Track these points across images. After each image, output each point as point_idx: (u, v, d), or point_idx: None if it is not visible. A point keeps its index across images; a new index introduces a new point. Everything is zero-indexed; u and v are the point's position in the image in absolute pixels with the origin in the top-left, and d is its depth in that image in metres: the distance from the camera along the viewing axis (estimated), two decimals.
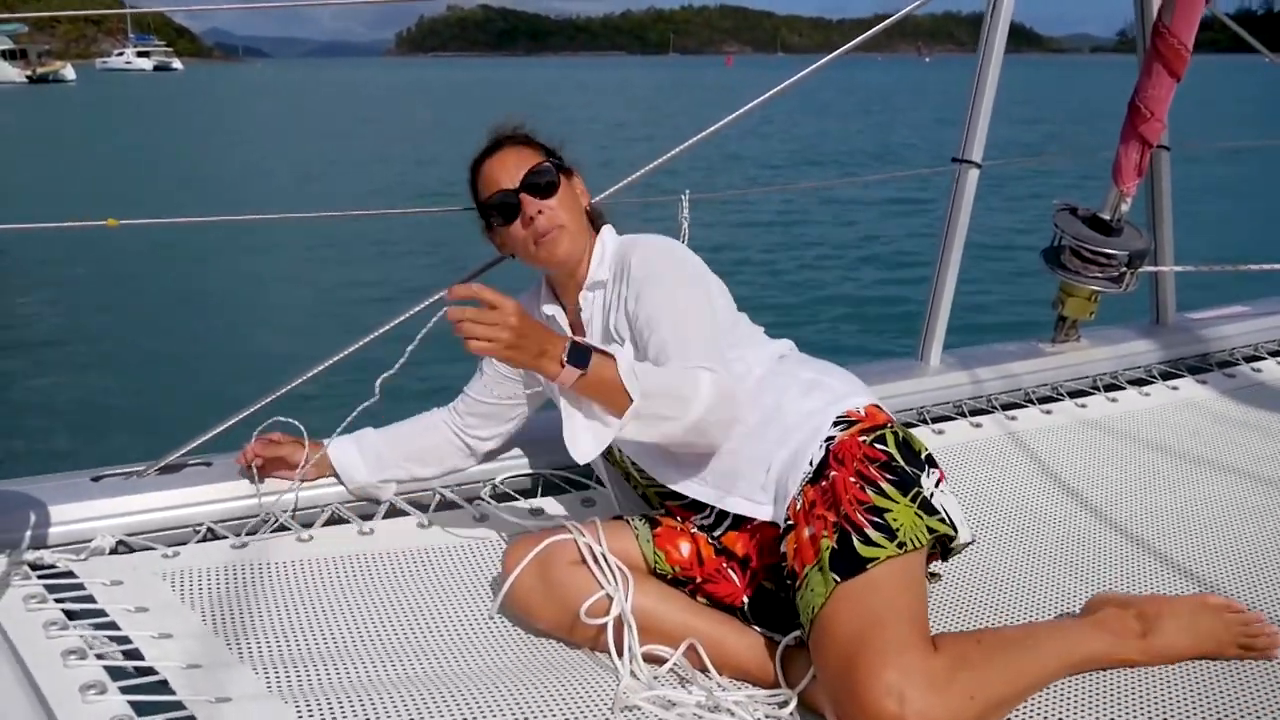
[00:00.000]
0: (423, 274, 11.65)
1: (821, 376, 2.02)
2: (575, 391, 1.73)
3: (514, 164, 2.06)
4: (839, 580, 1.66)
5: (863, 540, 1.69)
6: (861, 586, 1.65)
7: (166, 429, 2.69)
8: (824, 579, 1.67)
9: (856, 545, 1.69)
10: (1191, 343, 3.52)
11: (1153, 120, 2.93)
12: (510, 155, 2.07)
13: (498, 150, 2.10)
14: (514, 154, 2.07)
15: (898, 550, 1.69)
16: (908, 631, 1.61)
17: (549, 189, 2.05)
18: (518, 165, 2.05)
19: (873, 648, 1.57)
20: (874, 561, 1.67)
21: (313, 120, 41.32)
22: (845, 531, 1.71)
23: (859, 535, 1.70)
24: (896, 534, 1.71)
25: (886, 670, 1.53)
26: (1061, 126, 32.94)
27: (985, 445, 2.82)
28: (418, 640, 1.92)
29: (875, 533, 1.70)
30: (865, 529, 1.71)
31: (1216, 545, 2.33)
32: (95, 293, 11.78)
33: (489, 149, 2.12)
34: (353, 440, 2.34)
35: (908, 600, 1.67)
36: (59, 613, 1.80)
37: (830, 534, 1.71)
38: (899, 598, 1.66)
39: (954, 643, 1.68)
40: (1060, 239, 3.16)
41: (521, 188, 2.04)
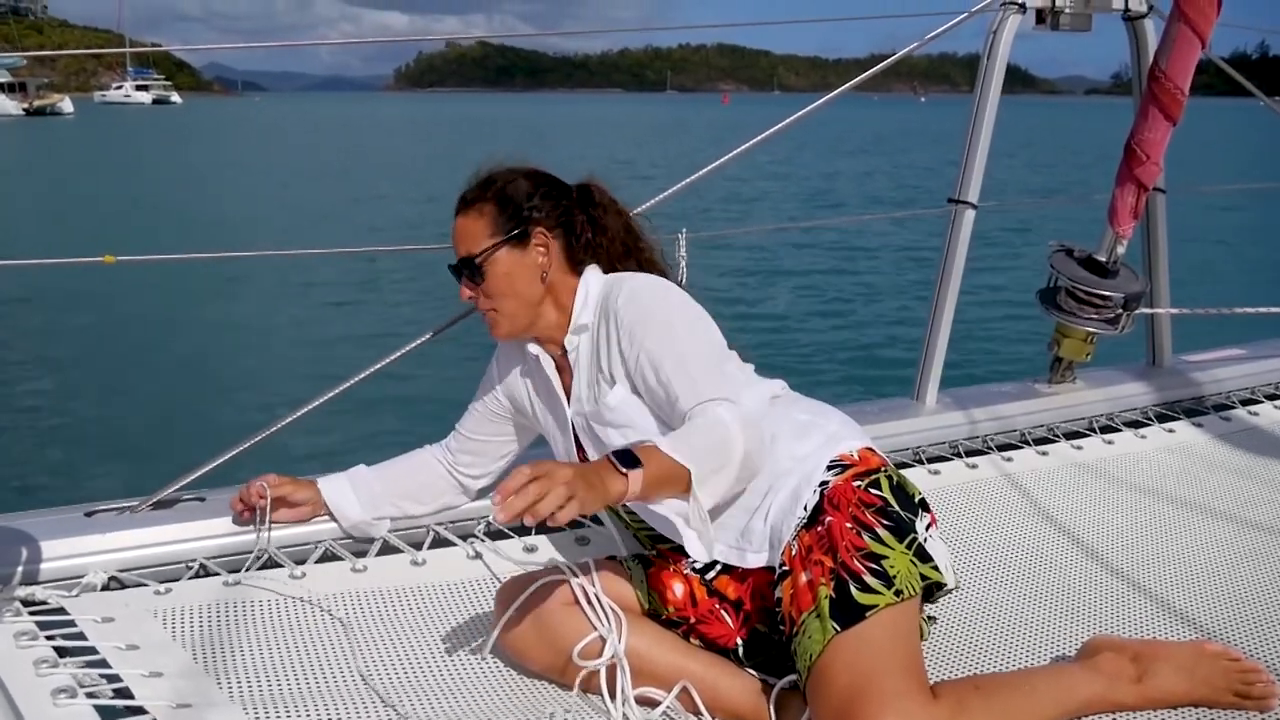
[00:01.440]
0: (416, 311, 11.68)
1: (815, 418, 2.01)
2: (647, 494, 1.67)
3: (462, 235, 2.08)
4: (838, 629, 1.65)
5: (860, 588, 1.69)
6: (859, 635, 1.65)
7: (160, 464, 2.68)
8: (822, 627, 1.67)
9: (854, 593, 1.68)
10: (1187, 385, 3.52)
11: (1149, 163, 2.95)
12: (461, 225, 2.09)
13: (457, 213, 2.11)
14: (464, 223, 2.08)
15: (895, 598, 1.69)
16: (906, 679, 1.61)
17: (475, 278, 2.06)
18: (461, 239, 2.08)
19: (872, 696, 1.56)
20: (872, 610, 1.67)
21: (310, 155, 41.46)
22: (842, 580, 1.70)
23: (856, 583, 1.69)
24: (894, 581, 1.71)
25: (886, 718, 1.53)
26: (1064, 170, 33.10)
27: (981, 486, 2.81)
28: (409, 680, 1.90)
29: (873, 579, 1.70)
30: (863, 576, 1.70)
31: (1212, 590, 2.32)
32: (90, 329, 11.78)
33: (457, 205, 2.13)
34: (345, 478, 2.33)
35: (905, 648, 1.67)
36: (50, 650, 1.79)
37: (828, 581, 1.71)
38: (897, 646, 1.66)
39: (952, 690, 1.67)
40: (1056, 280, 3.17)
41: (462, 272, 2.08)
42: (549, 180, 2.14)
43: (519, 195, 2.07)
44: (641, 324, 1.94)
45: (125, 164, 35.97)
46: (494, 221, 2.06)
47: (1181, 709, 1.82)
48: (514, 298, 2.06)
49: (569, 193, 2.14)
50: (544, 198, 2.09)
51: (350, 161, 36.40)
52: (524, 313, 2.08)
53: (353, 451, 2.42)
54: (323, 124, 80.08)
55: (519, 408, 2.26)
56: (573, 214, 2.11)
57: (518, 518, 1.51)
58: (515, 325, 2.09)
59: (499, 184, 2.09)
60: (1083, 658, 1.91)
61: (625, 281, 2.03)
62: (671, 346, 1.92)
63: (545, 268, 2.06)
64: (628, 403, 1.96)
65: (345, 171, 32.02)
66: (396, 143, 51.18)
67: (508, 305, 2.06)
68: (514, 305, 2.07)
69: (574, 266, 2.11)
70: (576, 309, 2.07)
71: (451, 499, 2.38)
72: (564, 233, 2.10)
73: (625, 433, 1.96)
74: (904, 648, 1.67)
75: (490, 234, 2.05)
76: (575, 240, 2.11)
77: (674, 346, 1.92)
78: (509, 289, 2.06)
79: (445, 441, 2.36)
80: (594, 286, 2.07)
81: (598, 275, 2.10)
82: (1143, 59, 3.18)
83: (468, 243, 2.07)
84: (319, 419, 2.53)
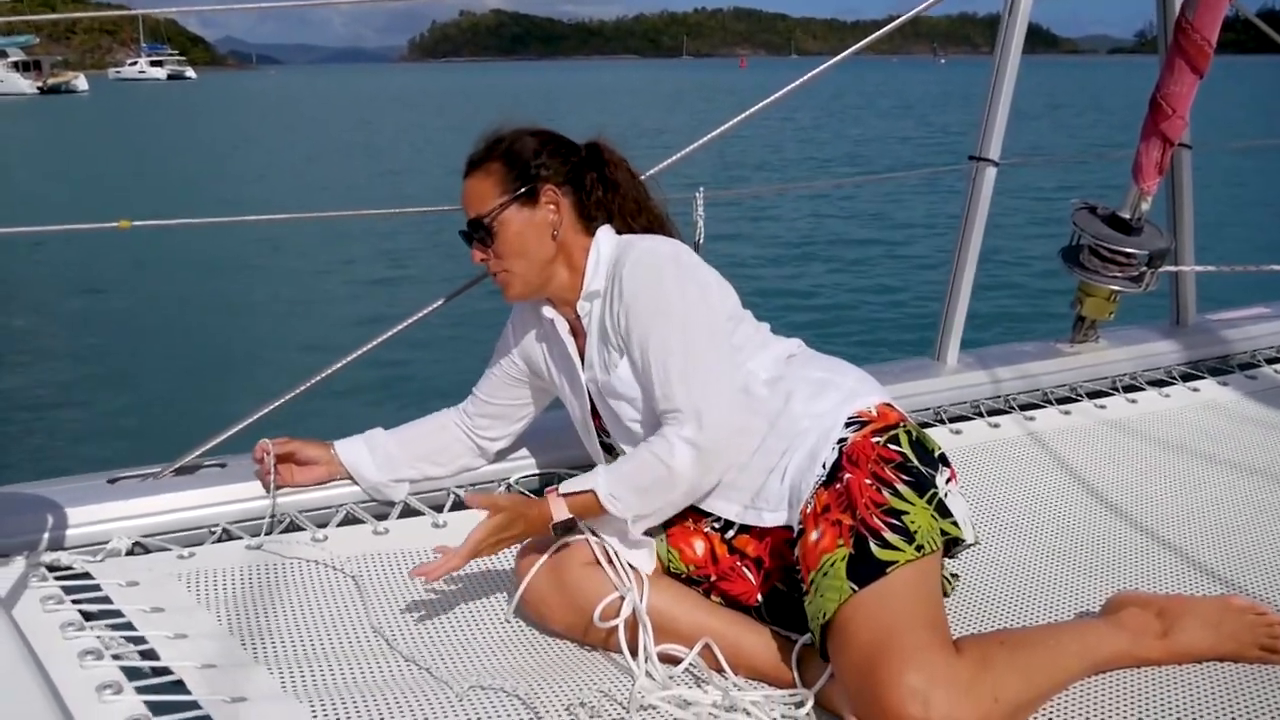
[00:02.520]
0: (434, 275, 11.69)
1: (831, 375, 1.99)
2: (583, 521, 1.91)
3: (471, 197, 2.06)
4: (856, 588, 1.64)
5: (880, 544, 1.68)
6: (880, 591, 1.64)
7: (182, 431, 2.69)
8: (841, 585, 1.65)
9: (874, 549, 1.67)
10: (1212, 344, 3.48)
11: (1174, 117, 2.91)
12: (469, 186, 2.07)
13: (465, 174, 2.09)
14: (472, 184, 2.06)
15: (916, 554, 1.68)
16: (929, 634, 1.59)
17: (486, 239, 2.04)
18: (470, 200, 2.06)
19: (895, 652, 1.55)
20: (893, 565, 1.65)
21: (329, 129, 41.39)
22: (862, 536, 1.69)
23: (876, 539, 1.68)
24: (914, 537, 1.69)
25: (910, 673, 1.52)
26: (1104, 132, 32.75)
27: (1003, 445, 2.79)
28: (431, 640, 1.91)
29: (893, 535, 1.69)
30: (883, 532, 1.69)
31: (1237, 547, 2.31)
32: (109, 297, 11.85)
33: (464, 167, 2.10)
34: (361, 440, 2.33)
35: (927, 604, 1.66)
36: (76, 613, 1.80)
37: (847, 540, 1.69)
38: (919, 601, 1.65)
39: (976, 645, 1.66)
40: (1079, 238, 3.14)
41: (472, 233, 2.06)
42: (556, 138, 2.11)
43: (526, 153, 2.05)
44: (637, 300, 1.93)
45: (141, 141, 35.92)
46: (502, 180, 2.04)
47: (1207, 664, 1.81)
48: (525, 257, 2.04)
49: (577, 150, 2.11)
50: (551, 155, 2.06)
51: (370, 135, 36.24)
52: (536, 273, 2.05)
53: (373, 418, 2.42)
54: (340, 96, 79.95)
55: (535, 371, 2.25)
56: (582, 171, 2.09)
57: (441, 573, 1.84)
58: (528, 286, 2.07)
59: (506, 143, 2.06)
60: (1107, 613, 1.90)
61: (633, 247, 2.00)
62: (659, 334, 1.91)
63: (556, 225, 2.04)
64: (630, 374, 1.97)
65: (366, 146, 31.90)
66: (415, 114, 50.98)
67: (519, 265, 2.04)
68: (525, 265, 2.04)
69: (585, 225, 2.08)
70: (589, 272, 2.04)
71: (469, 461, 2.38)
72: (573, 190, 2.07)
73: (635, 404, 1.97)
74: (926, 603, 1.66)
75: (499, 193, 2.03)
76: (586, 198, 2.08)
77: (661, 335, 1.91)
78: (520, 248, 2.03)
79: (463, 405, 2.36)
80: (606, 248, 2.05)
81: (610, 236, 2.07)
82: (1169, 11, 3.13)
83: (476, 203, 2.05)
84: (339, 385, 2.53)
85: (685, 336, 1.91)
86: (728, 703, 1.70)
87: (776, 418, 1.92)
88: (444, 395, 2.42)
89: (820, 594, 1.67)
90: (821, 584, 1.68)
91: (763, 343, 2.05)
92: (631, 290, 1.94)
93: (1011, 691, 1.60)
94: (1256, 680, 1.77)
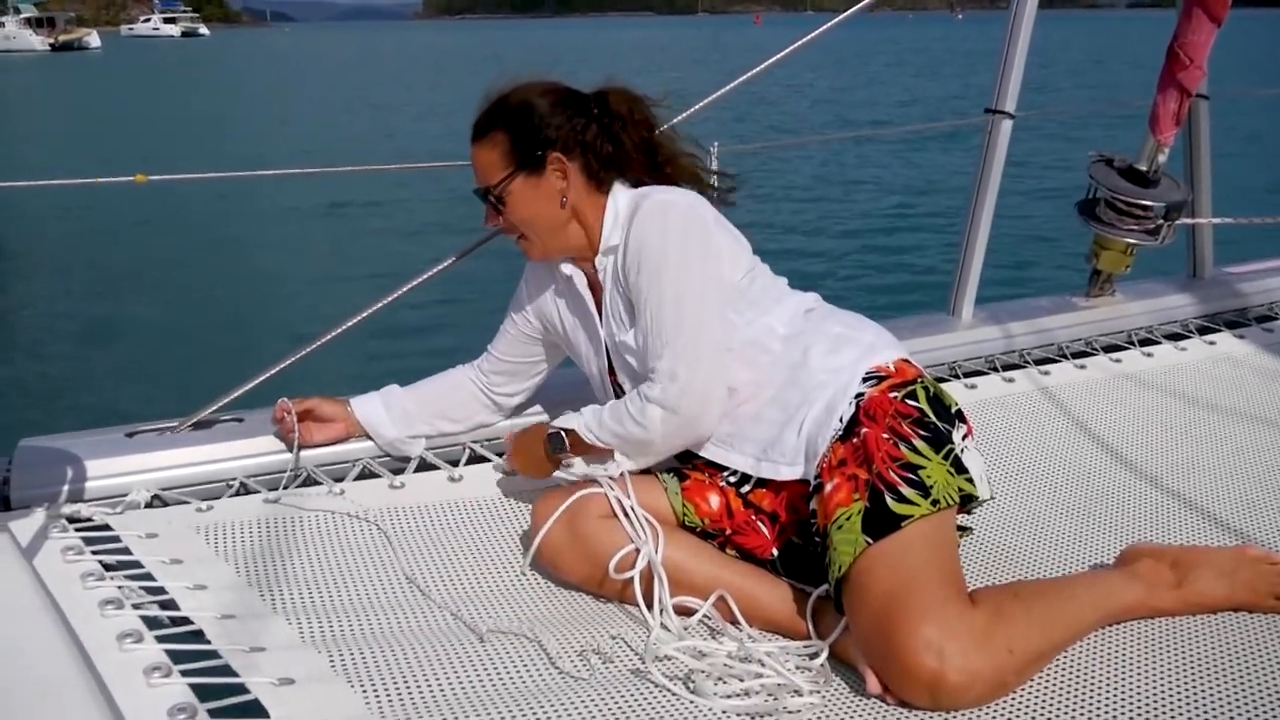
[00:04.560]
0: (449, 230, 11.68)
1: (848, 330, 1.99)
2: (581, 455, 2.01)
3: (477, 167, 2.07)
4: (871, 541, 1.64)
5: (896, 499, 1.68)
6: (896, 545, 1.64)
7: (199, 385, 2.71)
8: (855, 539, 1.66)
9: (890, 503, 1.67)
10: (1229, 296, 3.46)
11: (1192, 67, 2.88)
12: (476, 155, 2.07)
13: (472, 140, 2.08)
14: (479, 154, 2.06)
15: (932, 508, 1.68)
16: (944, 587, 1.60)
17: (497, 205, 2.06)
18: (477, 169, 2.07)
19: (910, 604, 1.56)
20: (908, 520, 1.66)
21: (346, 85, 41.20)
22: (878, 490, 1.69)
23: (892, 494, 1.68)
24: (930, 491, 1.69)
25: (925, 626, 1.53)
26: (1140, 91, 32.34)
27: (1018, 400, 2.79)
28: (449, 592, 1.93)
29: (909, 490, 1.69)
30: (899, 487, 1.69)
31: (1253, 498, 2.31)
32: (126, 252, 11.89)
33: (471, 131, 2.09)
34: (378, 397, 2.34)
35: (942, 557, 1.67)
36: (96, 564, 1.82)
37: (863, 494, 1.70)
38: (933, 555, 1.65)
39: (991, 596, 1.67)
40: (1095, 191, 3.12)
41: (484, 199, 2.08)
42: (563, 97, 2.07)
43: (531, 119, 2.02)
44: (640, 253, 1.94)
45: (154, 97, 35.75)
46: (507, 152, 2.03)
47: (1221, 614, 1.82)
48: (536, 225, 2.06)
49: (587, 106, 2.08)
50: (557, 117, 2.03)
51: (388, 93, 36.03)
52: (550, 237, 2.08)
53: (389, 373, 2.43)
54: (355, 53, 79.48)
55: (549, 328, 2.26)
56: (591, 128, 2.06)
57: None
58: (545, 249, 2.10)
59: (510, 108, 2.04)
60: (1121, 565, 1.90)
61: (646, 200, 2.00)
62: (655, 289, 1.92)
63: (564, 191, 2.04)
64: None
65: (385, 104, 31.72)
66: (432, 72, 50.68)
67: (532, 232, 2.07)
68: (538, 232, 2.07)
69: (598, 185, 2.07)
70: (606, 228, 2.05)
71: (485, 418, 2.39)
72: (582, 151, 2.05)
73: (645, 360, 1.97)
74: (941, 556, 1.66)
75: (504, 165, 2.03)
76: (595, 158, 2.06)
77: (656, 290, 1.92)
78: (531, 217, 2.05)
79: (478, 362, 2.36)
80: (623, 205, 2.05)
81: (626, 192, 2.07)
82: None
83: (484, 174, 2.06)
84: (354, 341, 2.54)
85: (677, 294, 1.91)
86: (743, 654, 1.71)
87: (794, 370, 1.92)
88: (456, 352, 2.43)
89: (835, 547, 1.68)
90: (836, 537, 1.68)
91: (779, 296, 2.05)
92: (637, 243, 1.95)
93: (1026, 643, 1.61)
94: (1272, 630, 1.78)
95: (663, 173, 2.12)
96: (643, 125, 2.12)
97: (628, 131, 2.08)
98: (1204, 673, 1.66)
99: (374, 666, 1.65)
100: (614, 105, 2.08)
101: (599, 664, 1.69)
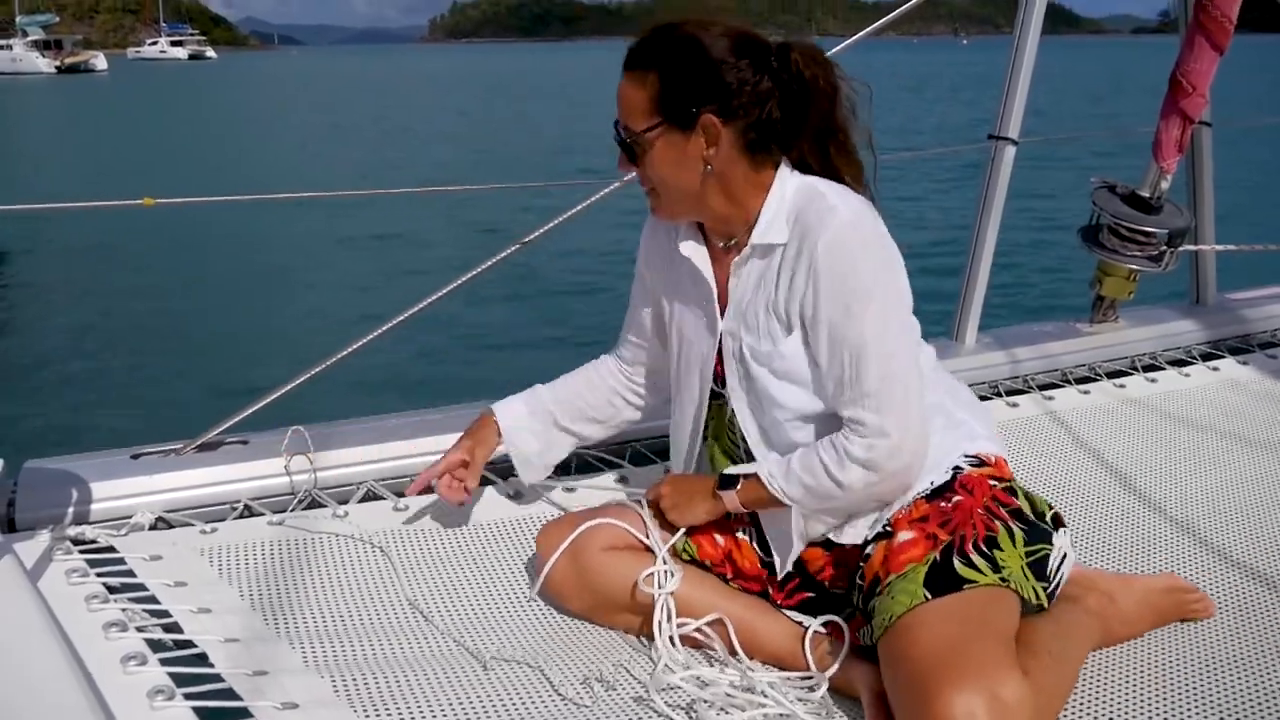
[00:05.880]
0: (455, 254, 11.71)
1: (960, 412, 1.87)
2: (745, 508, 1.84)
3: (621, 101, 1.78)
4: (930, 596, 1.58)
5: (965, 563, 1.62)
6: (954, 603, 1.58)
7: (204, 407, 2.71)
8: (916, 590, 1.59)
9: (957, 565, 1.61)
10: (1232, 323, 3.47)
11: (1194, 95, 2.89)
12: (623, 89, 1.78)
13: (624, 67, 1.78)
14: (626, 89, 1.77)
15: (997, 580, 1.61)
16: (1000, 650, 1.51)
17: (630, 154, 1.80)
18: (621, 105, 1.79)
19: (956, 667, 1.46)
20: (971, 585, 1.60)
21: (354, 110, 41.33)
22: (950, 550, 1.63)
23: (962, 558, 1.62)
24: (1001, 570, 1.63)
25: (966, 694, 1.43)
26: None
27: (1022, 425, 2.79)
28: (453, 617, 1.93)
29: (980, 559, 1.62)
30: (971, 555, 1.63)
31: (1257, 525, 2.31)
32: (133, 274, 11.93)
33: (625, 57, 1.79)
34: (522, 403, 2.13)
35: (1000, 623, 1.58)
36: (100, 586, 1.82)
37: (937, 550, 1.64)
38: (992, 618, 1.58)
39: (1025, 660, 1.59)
40: (1098, 217, 3.12)
41: (618, 140, 1.81)
42: (739, 45, 1.73)
43: (693, 69, 1.72)
44: (836, 284, 1.69)
45: (158, 120, 35.84)
46: (656, 99, 1.73)
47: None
48: (671, 187, 1.80)
49: (765, 61, 1.73)
50: (726, 72, 1.71)
51: (400, 118, 36.11)
52: (685, 202, 1.81)
53: (395, 396, 2.43)
54: (363, 78, 79.79)
55: (657, 301, 2.04)
56: (761, 89, 1.73)
57: None
58: (675, 211, 1.85)
59: (674, 43, 1.74)
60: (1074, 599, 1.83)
61: (830, 217, 1.70)
62: (858, 332, 1.69)
63: (710, 159, 1.74)
64: (800, 356, 1.76)
65: (390, 126, 31.81)
66: (442, 97, 50.83)
67: (665, 192, 1.81)
68: (670, 194, 1.81)
69: (755, 158, 1.77)
70: (765, 218, 1.77)
71: (629, 415, 2.18)
72: (744, 115, 1.73)
73: (784, 386, 1.78)
74: (998, 623, 1.57)
75: (650, 112, 1.74)
76: (759, 126, 1.75)
77: (862, 333, 1.69)
78: (667, 176, 1.79)
79: (616, 350, 2.17)
80: (789, 193, 1.77)
81: (794, 179, 1.79)
82: None
83: (625, 113, 1.78)
84: (359, 363, 2.55)
85: (882, 343, 1.69)
86: (745, 684, 1.71)
87: None
88: (460, 377, 2.43)
89: (892, 595, 1.62)
90: (896, 586, 1.63)
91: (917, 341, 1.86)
92: (831, 269, 1.69)
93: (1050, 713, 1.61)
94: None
95: (832, 165, 1.82)
96: (827, 97, 1.78)
97: (809, 101, 1.76)
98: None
99: (377, 692, 1.65)
100: (797, 64, 1.74)
101: (602, 692, 1.70)
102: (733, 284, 1.83)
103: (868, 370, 1.68)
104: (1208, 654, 1.83)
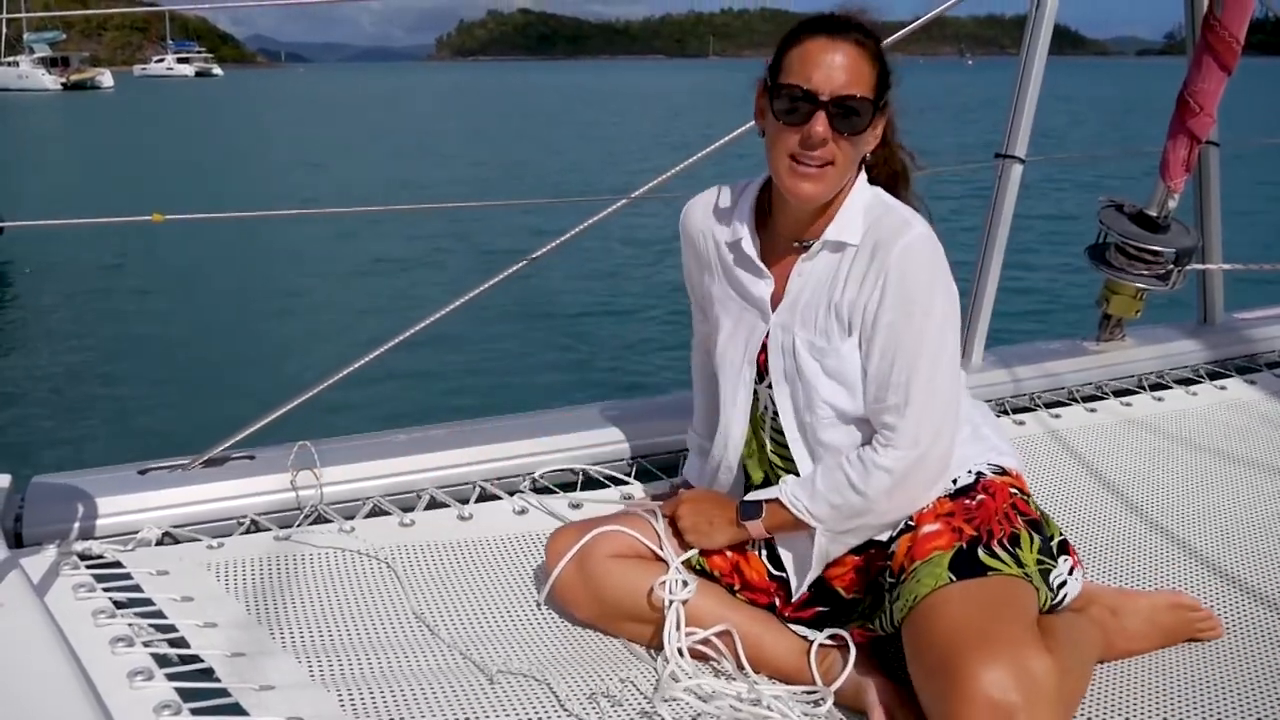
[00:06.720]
0: (464, 272, 11.73)
1: (982, 427, 1.91)
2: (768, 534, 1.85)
3: (840, 69, 1.68)
4: (954, 578, 1.60)
5: (988, 553, 1.64)
6: (977, 585, 1.61)
7: (210, 423, 2.72)
8: (940, 573, 1.62)
9: (980, 554, 1.64)
10: (1240, 342, 3.46)
11: (1202, 115, 2.90)
12: (844, 54, 1.69)
13: (836, 36, 1.70)
14: (850, 55, 1.69)
15: (1019, 571, 1.64)
16: (1024, 630, 1.54)
17: (840, 125, 1.69)
18: (842, 74, 1.68)
19: (983, 642, 1.48)
20: (994, 572, 1.62)
21: (361, 127, 41.46)
22: (975, 540, 1.66)
23: (986, 549, 1.65)
24: (1022, 564, 1.66)
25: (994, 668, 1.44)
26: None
27: (1028, 443, 2.78)
28: (458, 631, 1.92)
29: (1003, 552, 1.65)
30: (994, 547, 1.66)
31: (1262, 544, 2.30)
32: (140, 291, 11.96)
33: (826, 26, 1.72)
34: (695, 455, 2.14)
35: (1022, 606, 1.61)
36: (107, 601, 1.82)
37: (963, 540, 1.66)
38: (1014, 601, 1.60)
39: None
40: (1106, 236, 3.13)
41: (830, 107, 1.69)
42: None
43: (886, 65, 1.76)
44: (903, 292, 1.71)
45: (163, 137, 35.90)
46: (874, 76, 1.72)
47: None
48: (851, 165, 1.76)
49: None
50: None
51: (408, 135, 36.20)
52: (839, 183, 1.77)
53: (399, 413, 2.43)
54: (370, 95, 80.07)
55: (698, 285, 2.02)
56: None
57: None
58: (828, 191, 1.75)
59: (878, 41, 1.76)
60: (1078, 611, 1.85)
61: (906, 229, 1.74)
62: (915, 340, 1.71)
63: (867, 154, 1.79)
64: (854, 359, 1.77)
65: (399, 145, 31.88)
66: (450, 115, 50.96)
67: (843, 167, 1.74)
68: (843, 171, 1.75)
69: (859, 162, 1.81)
70: (840, 218, 1.78)
71: None
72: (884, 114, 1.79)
73: (832, 384, 1.78)
74: (1021, 605, 1.61)
75: (874, 86, 1.72)
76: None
77: (919, 343, 1.71)
78: (856, 156, 1.76)
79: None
80: (864, 202, 1.79)
81: (868, 189, 1.82)
82: (1197, 6, 3.11)
83: (855, 82, 1.69)
84: (366, 378, 2.55)
85: (935, 355, 1.73)
86: (751, 697, 1.71)
87: None
88: (465, 392, 2.43)
89: (917, 579, 1.63)
90: (921, 570, 1.64)
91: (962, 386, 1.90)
92: (901, 277, 1.71)
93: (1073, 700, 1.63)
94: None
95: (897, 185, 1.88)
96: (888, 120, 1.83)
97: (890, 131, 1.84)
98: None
99: (383, 705, 1.64)
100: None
101: (607, 706, 1.69)
102: (794, 279, 1.83)
103: (916, 377, 1.71)
104: (1215, 675, 1.82)
